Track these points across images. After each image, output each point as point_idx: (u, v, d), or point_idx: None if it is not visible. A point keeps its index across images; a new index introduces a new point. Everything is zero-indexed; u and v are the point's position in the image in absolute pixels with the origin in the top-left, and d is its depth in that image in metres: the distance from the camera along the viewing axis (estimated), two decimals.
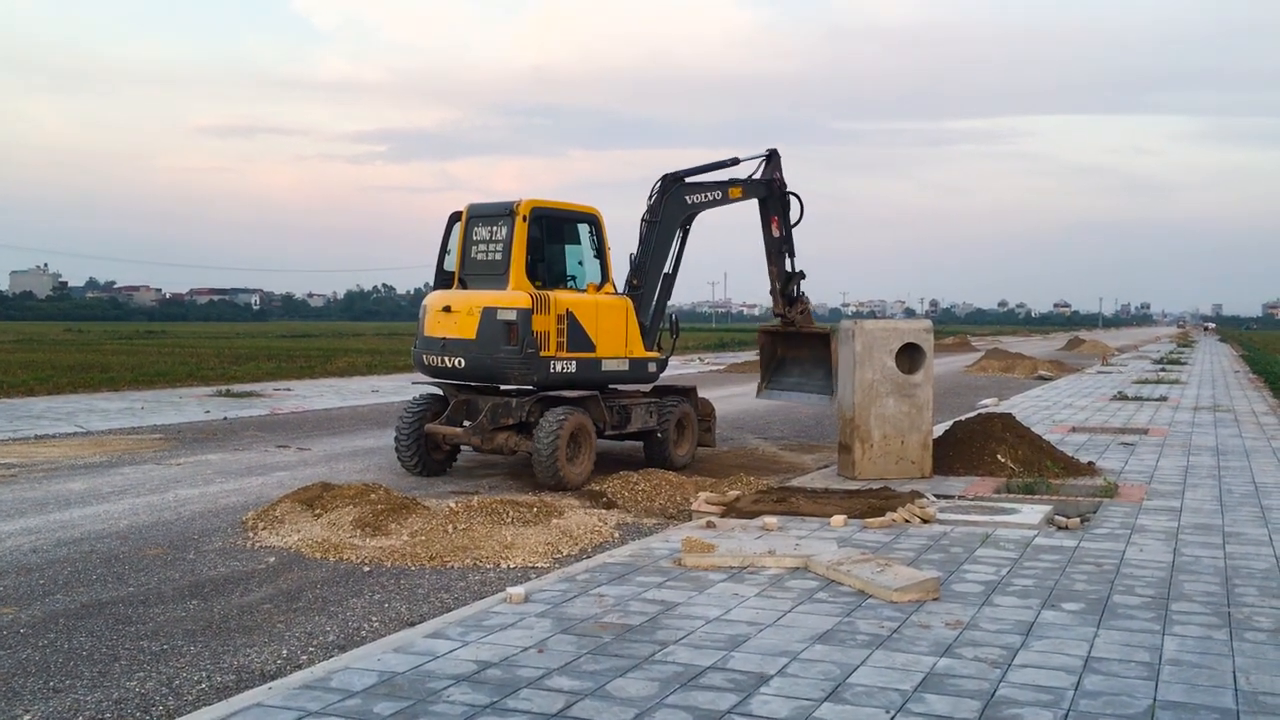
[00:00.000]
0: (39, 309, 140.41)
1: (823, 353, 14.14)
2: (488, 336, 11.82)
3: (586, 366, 12.24)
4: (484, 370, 12.03)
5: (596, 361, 12.34)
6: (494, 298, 11.95)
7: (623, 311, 12.74)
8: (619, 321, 12.65)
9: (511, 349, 11.67)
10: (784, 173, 14.66)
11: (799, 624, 6.13)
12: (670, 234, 13.46)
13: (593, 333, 12.30)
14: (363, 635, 6.49)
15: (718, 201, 14.00)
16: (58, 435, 16.36)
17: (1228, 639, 5.91)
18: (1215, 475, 12.13)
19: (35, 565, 8.20)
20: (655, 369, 13.32)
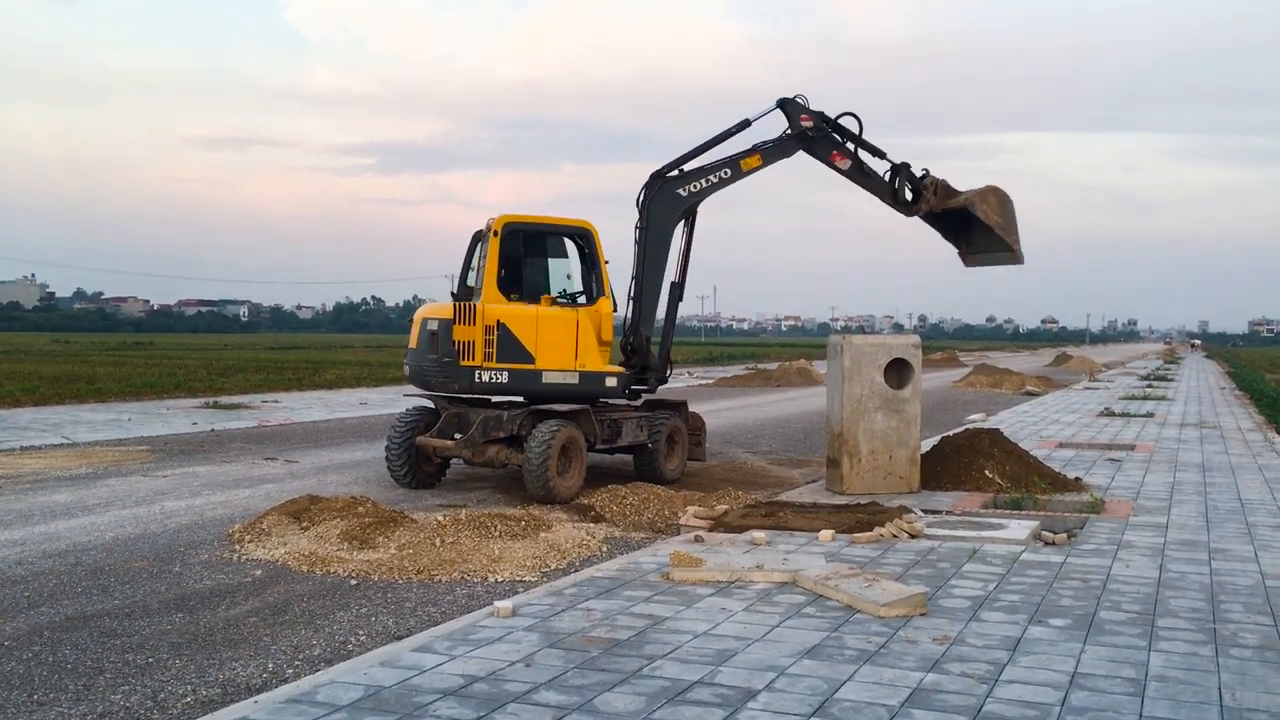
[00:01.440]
0: (26, 319, 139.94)
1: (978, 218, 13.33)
2: (421, 346, 12.52)
3: (521, 377, 12.23)
4: (418, 377, 12.68)
5: (535, 373, 12.30)
6: (431, 310, 12.69)
7: (570, 324, 12.48)
8: (565, 334, 12.44)
9: (433, 357, 12.18)
10: (811, 105, 13.28)
11: (787, 639, 6.13)
12: (664, 237, 12.93)
13: (530, 344, 12.25)
14: (349, 649, 6.46)
15: (727, 180, 13.08)
16: (44, 446, 16.29)
17: (1213, 655, 5.93)
18: (1201, 491, 12.18)
19: (20, 577, 8.15)
20: (617, 384, 12.73)
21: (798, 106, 13.20)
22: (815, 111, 13.28)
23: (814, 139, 13.24)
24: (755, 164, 13.16)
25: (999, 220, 13.19)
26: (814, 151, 13.30)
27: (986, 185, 13.52)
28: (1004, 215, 13.29)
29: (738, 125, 13.15)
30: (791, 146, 13.24)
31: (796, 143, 13.22)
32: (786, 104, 13.20)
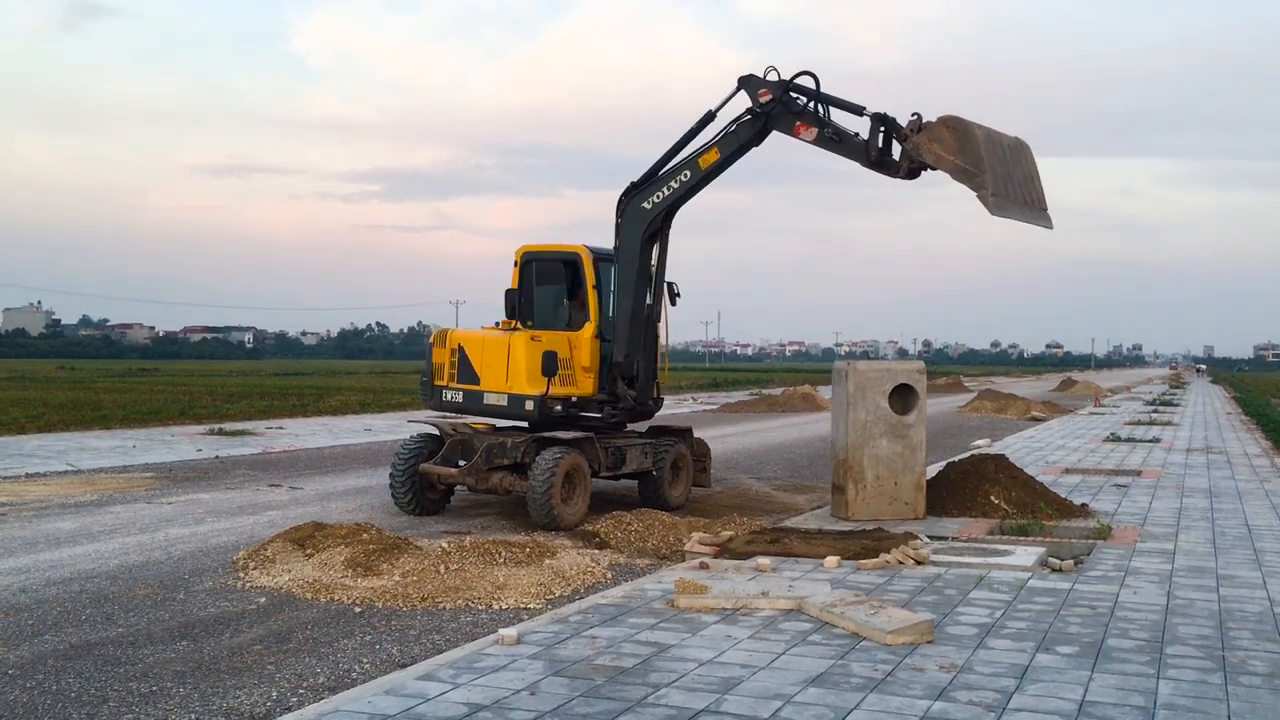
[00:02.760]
0: (32, 346, 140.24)
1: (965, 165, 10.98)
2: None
3: (471, 397, 12.80)
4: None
5: (480, 394, 12.71)
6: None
7: (503, 347, 12.54)
8: (499, 356, 12.57)
9: (425, 379, 13.35)
10: (772, 74, 11.92)
11: (793, 666, 6.10)
12: (632, 254, 12.45)
13: (477, 367, 12.75)
14: (353, 677, 6.44)
15: (690, 183, 12.18)
16: (49, 474, 16.29)
17: (1222, 683, 5.89)
18: (1209, 517, 12.14)
19: (24, 605, 8.14)
20: (533, 407, 12.27)
21: (757, 82, 11.92)
22: (774, 82, 11.87)
23: (773, 114, 11.87)
24: (714, 158, 12.10)
25: (955, 161, 10.87)
26: (778, 127, 11.93)
27: (939, 117, 11.22)
28: (965, 152, 10.90)
29: (701, 120, 12.18)
30: (748, 129, 11.97)
31: (754, 123, 11.94)
32: (747, 82, 12.00)
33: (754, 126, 11.92)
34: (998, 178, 10.80)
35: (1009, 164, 11.12)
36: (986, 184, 10.69)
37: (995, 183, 10.72)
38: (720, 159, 12.07)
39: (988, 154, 10.80)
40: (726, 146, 12.02)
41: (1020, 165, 11.31)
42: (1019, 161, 11.29)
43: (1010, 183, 11.04)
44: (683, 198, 12.34)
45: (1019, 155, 11.35)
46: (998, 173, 10.84)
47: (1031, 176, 11.47)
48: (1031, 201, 11.36)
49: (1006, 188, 10.94)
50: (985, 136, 10.95)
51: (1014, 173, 11.15)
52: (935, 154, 10.98)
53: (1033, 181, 11.46)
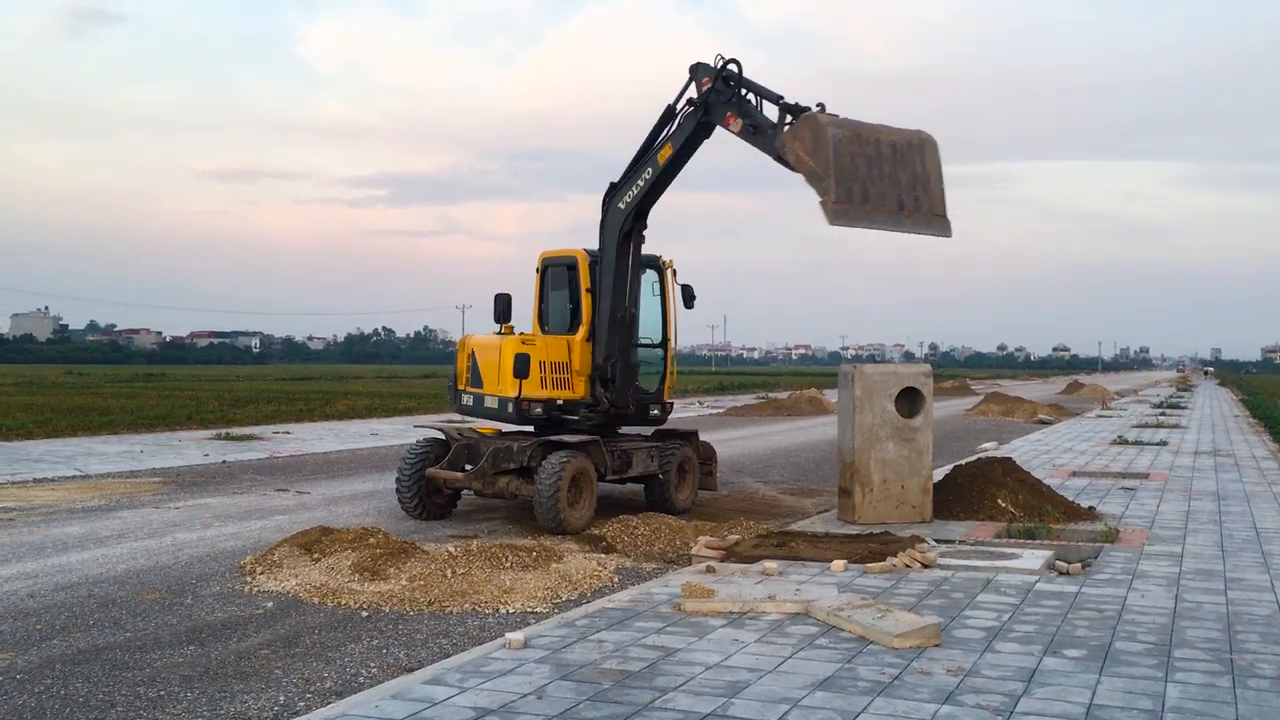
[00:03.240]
0: (39, 352, 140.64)
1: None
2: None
3: (477, 400, 13.12)
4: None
5: (483, 397, 12.99)
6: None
7: (495, 351, 12.78)
8: (493, 360, 12.86)
9: (450, 384, 13.73)
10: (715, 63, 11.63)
11: (800, 670, 6.09)
12: (611, 255, 12.49)
13: (482, 370, 13.05)
14: (361, 681, 6.45)
15: (652, 180, 12.12)
16: (56, 479, 16.34)
17: (1230, 686, 5.88)
18: (1216, 520, 12.10)
19: (32, 610, 8.16)
20: (512, 409, 12.46)
21: (703, 71, 11.69)
22: (716, 69, 11.59)
23: (710, 104, 11.60)
24: (669, 153, 11.99)
25: (809, 163, 10.29)
26: (714, 118, 11.65)
27: (804, 115, 10.63)
28: (816, 154, 10.25)
29: (662, 115, 12.08)
30: (691, 120, 11.78)
31: (695, 114, 11.73)
32: (694, 71, 11.82)
33: (696, 117, 11.77)
34: (845, 184, 10.14)
35: (878, 168, 10.36)
36: (829, 190, 10.14)
37: (840, 190, 10.09)
38: (673, 153, 11.96)
39: (838, 158, 10.16)
40: (676, 140, 11.94)
41: (906, 168, 10.51)
42: (905, 163, 10.51)
43: (874, 188, 10.28)
44: (648, 196, 12.30)
45: (907, 156, 10.55)
46: (847, 179, 10.17)
47: (922, 179, 10.58)
48: (916, 207, 10.55)
49: (866, 194, 10.24)
50: (845, 137, 10.23)
51: (889, 177, 10.39)
52: (795, 155, 10.54)
53: (925, 185, 10.59)
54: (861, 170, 10.20)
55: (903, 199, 10.41)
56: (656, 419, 13.55)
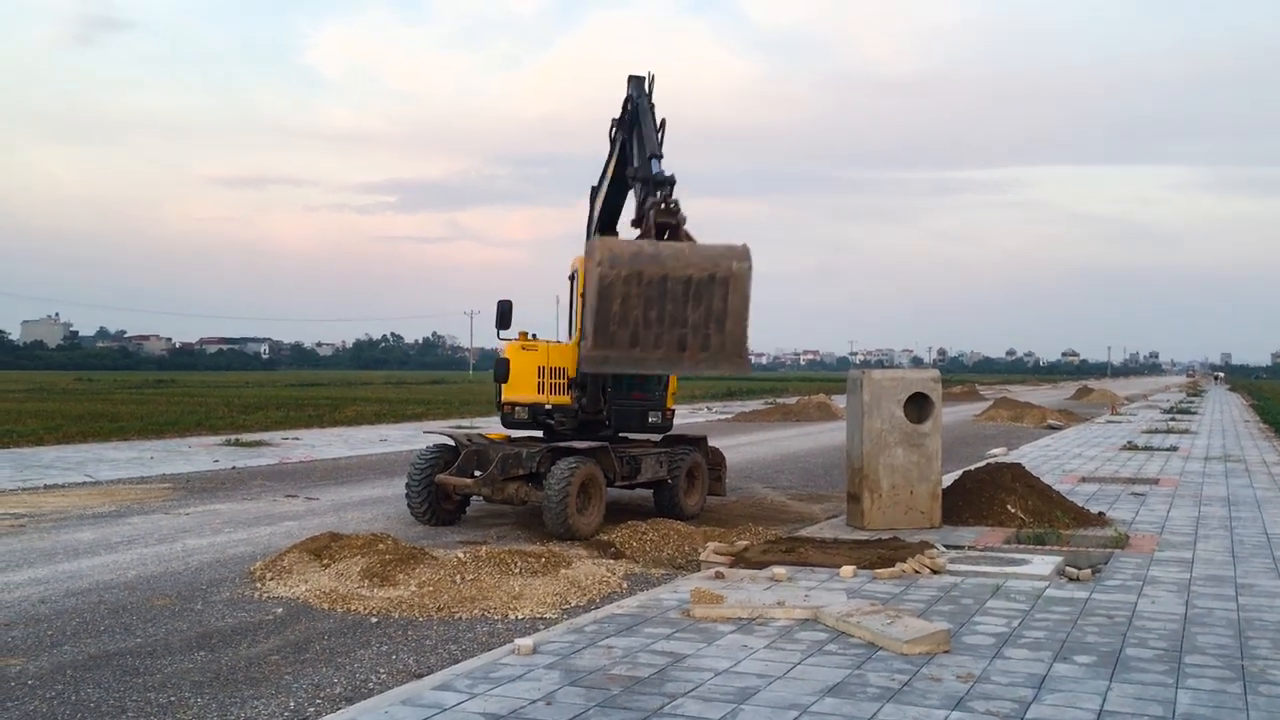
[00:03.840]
0: (50, 358, 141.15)
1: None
2: None
3: (509, 405, 13.11)
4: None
5: (511, 403, 13.03)
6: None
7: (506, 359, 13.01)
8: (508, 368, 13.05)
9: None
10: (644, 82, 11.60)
11: (809, 676, 6.09)
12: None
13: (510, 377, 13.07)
14: (370, 687, 6.46)
15: (604, 192, 12.29)
16: (67, 485, 16.39)
17: (1241, 692, 5.86)
18: (1227, 526, 12.06)
19: (43, 616, 8.19)
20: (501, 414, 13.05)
21: (632, 84, 11.75)
22: (628, 96, 11.66)
23: (624, 122, 11.78)
24: (612, 166, 12.17)
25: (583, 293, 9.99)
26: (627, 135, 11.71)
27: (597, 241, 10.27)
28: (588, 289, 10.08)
29: (610, 127, 12.19)
30: (616, 138, 11.92)
31: (617, 129, 11.89)
32: (628, 82, 11.88)
33: (619, 133, 12.00)
34: (608, 330, 9.77)
35: (660, 308, 9.75)
36: (588, 335, 9.93)
37: (599, 336, 9.76)
38: (614, 166, 12.16)
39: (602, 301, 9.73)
40: (611, 155, 12.21)
41: (699, 305, 9.80)
42: (699, 300, 9.80)
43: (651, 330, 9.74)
44: (605, 208, 12.44)
45: (704, 292, 9.79)
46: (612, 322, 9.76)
47: (718, 316, 9.88)
48: (704, 346, 9.92)
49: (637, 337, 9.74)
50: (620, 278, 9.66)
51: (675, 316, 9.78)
52: (586, 268, 10.32)
53: (720, 322, 9.89)
54: (635, 311, 9.72)
55: (686, 339, 9.85)
56: (656, 426, 13.40)
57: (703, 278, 9.80)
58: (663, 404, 13.41)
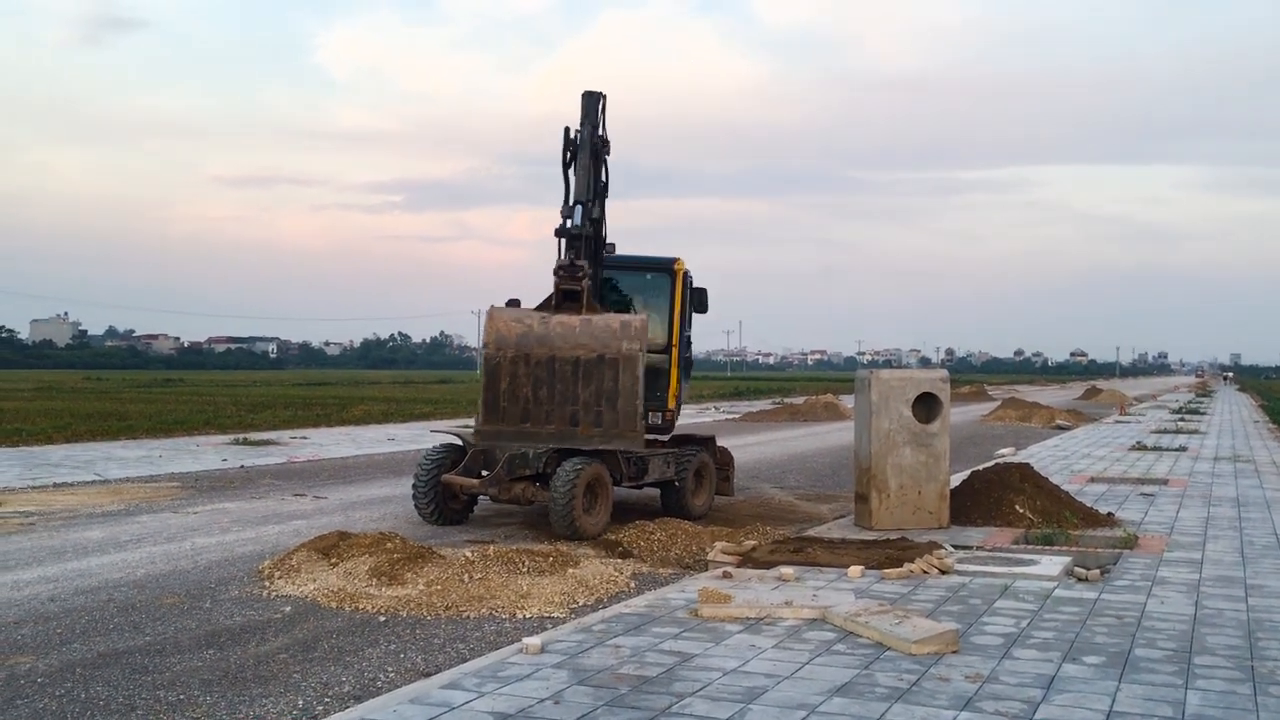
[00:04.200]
0: (59, 357, 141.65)
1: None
2: None
3: None
4: None
5: None
6: None
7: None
8: None
9: None
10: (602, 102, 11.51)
11: (817, 676, 6.09)
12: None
13: None
14: (379, 686, 6.47)
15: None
16: (76, 483, 16.43)
17: (1251, 693, 5.84)
18: (1236, 526, 12.03)
19: (53, 614, 8.21)
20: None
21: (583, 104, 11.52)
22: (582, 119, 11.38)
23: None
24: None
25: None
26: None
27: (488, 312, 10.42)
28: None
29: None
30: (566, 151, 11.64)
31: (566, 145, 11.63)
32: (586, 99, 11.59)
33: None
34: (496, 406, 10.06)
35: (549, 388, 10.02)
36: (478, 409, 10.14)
37: (488, 413, 10.06)
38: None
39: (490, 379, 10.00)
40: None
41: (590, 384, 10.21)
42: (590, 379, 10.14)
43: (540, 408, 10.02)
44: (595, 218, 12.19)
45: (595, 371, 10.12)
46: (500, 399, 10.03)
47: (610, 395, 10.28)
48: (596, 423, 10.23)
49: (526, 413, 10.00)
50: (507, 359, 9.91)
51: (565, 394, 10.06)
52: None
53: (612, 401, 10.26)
54: (525, 390, 9.91)
55: (579, 416, 9.96)
56: (656, 427, 13.18)
57: (592, 358, 9.80)
58: (664, 404, 13.23)
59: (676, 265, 13.34)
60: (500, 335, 9.80)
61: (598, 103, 11.46)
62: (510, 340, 9.79)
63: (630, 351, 9.54)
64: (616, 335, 9.56)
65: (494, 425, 9.89)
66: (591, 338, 9.63)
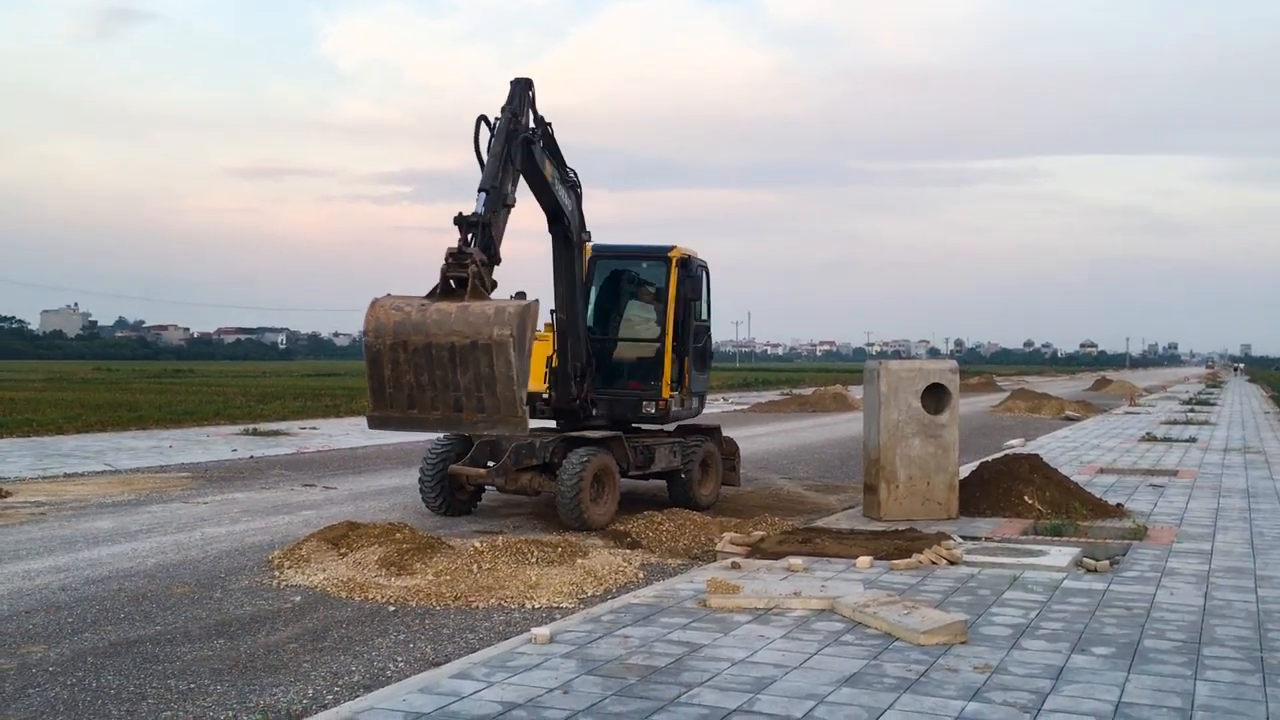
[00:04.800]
0: (69, 348, 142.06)
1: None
2: None
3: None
4: None
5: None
6: None
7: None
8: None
9: None
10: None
11: (826, 666, 6.09)
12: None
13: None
14: (388, 675, 6.49)
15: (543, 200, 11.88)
16: (87, 474, 16.50)
17: (1261, 684, 5.83)
18: (1246, 518, 11.99)
19: (64, 603, 8.25)
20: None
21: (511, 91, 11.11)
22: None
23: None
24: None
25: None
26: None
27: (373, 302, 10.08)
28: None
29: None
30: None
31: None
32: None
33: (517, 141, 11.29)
34: (384, 392, 9.90)
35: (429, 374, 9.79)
36: (369, 397, 10.14)
37: (377, 399, 9.96)
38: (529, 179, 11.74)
39: (374, 367, 9.88)
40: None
41: (468, 370, 9.70)
42: (467, 366, 9.69)
43: (425, 394, 9.81)
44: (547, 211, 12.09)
45: (469, 358, 9.66)
46: (387, 385, 9.87)
47: (488, 381, 9.71)
48: (479, 408, 9.83)
49: (412, 399, 9.84)
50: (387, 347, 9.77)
51: (446, 380, 9.76)
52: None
53: (490, 386, 9.71)
54: (408, 376, 9.83)
55: (461, 401, 9.86)
56: (653, 417, 13.03)
57: (465, 344, 9.69)
58: (658, 394, 12.97)
59: (672, 254, 13.18)
60: (379, 323, 9.85)
61: (521, 89, 11.21)
62: (388, 328, 9.82)
63: (501, 337, 9.43)
64: (490, 321, 9.47)
65: (383, 412, 9.96)
66: (465, 324, 9.58)
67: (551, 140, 11.69)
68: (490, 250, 10.21)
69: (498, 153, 10.66)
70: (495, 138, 10.78)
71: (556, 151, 11.89)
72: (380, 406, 10.01)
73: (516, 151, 10.83)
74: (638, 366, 13.19)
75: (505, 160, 10.66)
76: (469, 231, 10.22)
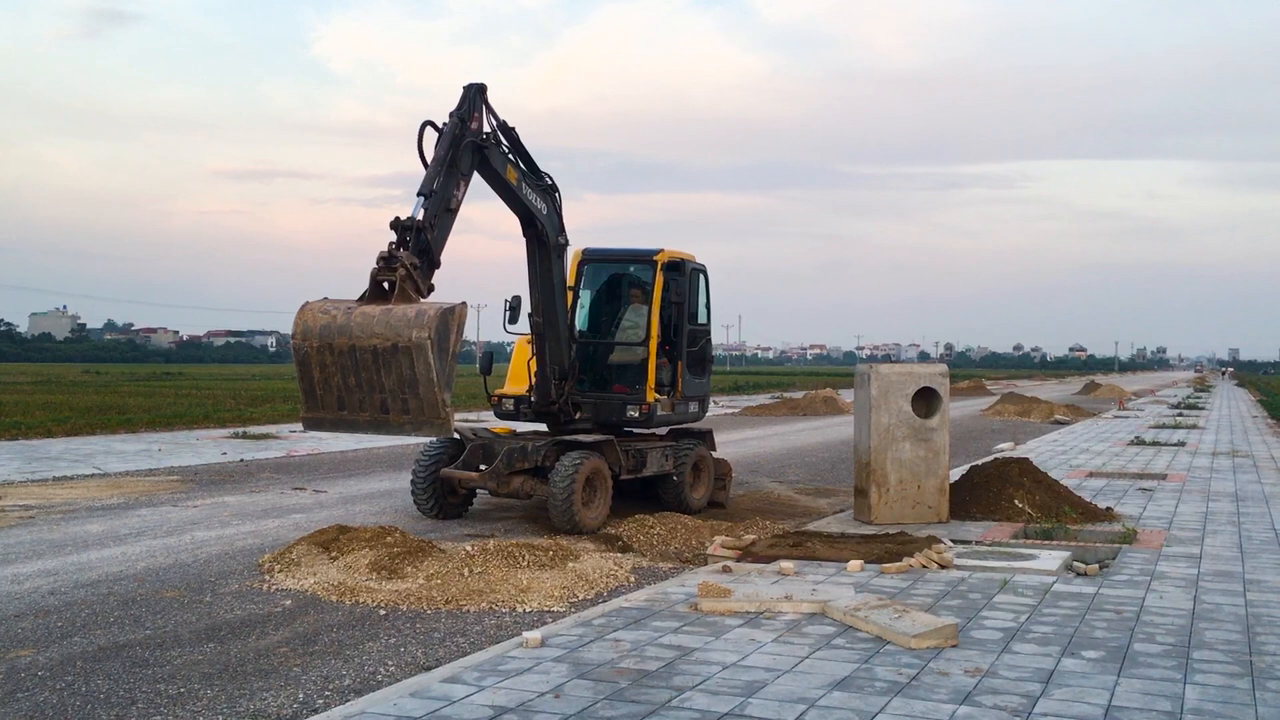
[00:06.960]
0: (58, 350, 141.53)
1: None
2: None
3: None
4: None
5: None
6: None
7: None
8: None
9: None
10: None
11: (817, 670, 6.10)
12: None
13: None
14: (379, 679, 6.48)
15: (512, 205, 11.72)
16: (75, 477, 16.44)
17: (1250, 688, 5.85)
18: (1235, 521, 12.05)
19: (53, 607, 8.22)
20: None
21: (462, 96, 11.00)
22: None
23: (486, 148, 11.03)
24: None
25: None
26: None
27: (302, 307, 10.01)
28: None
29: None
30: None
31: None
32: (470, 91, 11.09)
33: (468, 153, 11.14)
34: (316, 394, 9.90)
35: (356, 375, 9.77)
36: (301, 400, 10.11)
37: (310, 401, 9.97)
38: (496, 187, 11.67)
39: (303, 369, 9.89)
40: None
41: (391, 373, 9.63)
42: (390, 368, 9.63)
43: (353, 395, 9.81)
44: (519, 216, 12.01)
45: (393, 361, 9.59)
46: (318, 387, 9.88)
47: (410, 383, 9.59)
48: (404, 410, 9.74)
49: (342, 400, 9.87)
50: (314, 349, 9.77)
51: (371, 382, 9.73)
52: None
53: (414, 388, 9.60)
54: (336, 378, 9.88)
55: (387, 403, 9.84)
56: (637, 420, 12.91)
57: (387, 347, 9.65)
58: (642, 398, 12.86)
59: (658, 257, 13.12)
60: (306, 326, 9.93)
61: (473, 94, 11.08)
62: (315, 331, 9.88)
63: (419, 339, 9.45)
64: (410, 324, 9.50)
65: (315, 413, 10.02)
66: (387, 327, 9.59)
67: (518, 144, 11.61)
68: (428, 254, 10.17)
69: (439, 157, 10.57)
70: (439, 142, 10.71)
71: (525, 155, 11.79)
72: (312, 408, 10.05)
73: (464, 156, 10.77)
74: (624, 370, 13.15)
75: (448, 165, 10.63)
76: (404, 235, 10.21)
